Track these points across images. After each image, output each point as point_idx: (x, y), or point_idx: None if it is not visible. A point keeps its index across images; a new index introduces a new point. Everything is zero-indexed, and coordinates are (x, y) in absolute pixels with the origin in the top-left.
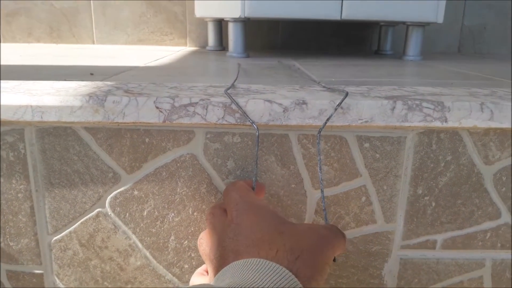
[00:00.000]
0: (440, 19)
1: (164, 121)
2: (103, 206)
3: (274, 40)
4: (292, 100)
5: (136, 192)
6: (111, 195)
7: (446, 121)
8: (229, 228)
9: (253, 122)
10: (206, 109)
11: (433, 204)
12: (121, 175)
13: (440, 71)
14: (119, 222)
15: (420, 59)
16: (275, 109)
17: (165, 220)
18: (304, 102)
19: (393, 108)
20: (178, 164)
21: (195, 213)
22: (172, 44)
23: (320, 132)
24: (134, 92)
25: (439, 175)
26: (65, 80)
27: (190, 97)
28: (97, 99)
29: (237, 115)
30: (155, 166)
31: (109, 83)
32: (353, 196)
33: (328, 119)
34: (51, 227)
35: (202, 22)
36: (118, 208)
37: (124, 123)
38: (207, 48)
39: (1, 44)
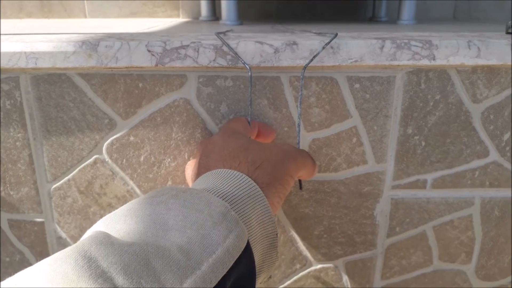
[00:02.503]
0: None
1: (156, 65)
2: (100, 153)
3: (269, 8)
4: (283, 41)
5: (132, 138)
6: (108, 141)
7: (434, 59)
8: (206, 147)
9: (245, 63)
10: (198, 52)
11: (423, 143)
12: (116, 121)
13: (433, 31)
14: (117, 169)
15: (414, 23)
16: (266, 50)
17: (162, 165)
18: (294, 43)
19: (382, 47)
20: (172, 109)
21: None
22: (165, 16)
23: (305, 67)
24: (126, 38)
25: (428, 115)
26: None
27: (181, 41)
28: (90, 44)
29: (229, 57)
30: (150, 112)
31: (101, 33)
32: (344, 137)
33: (315, 56)
34: (50, 175)
35: None
36: (115, 155)
37: (117, 67)
38: (200, 18)
39: None
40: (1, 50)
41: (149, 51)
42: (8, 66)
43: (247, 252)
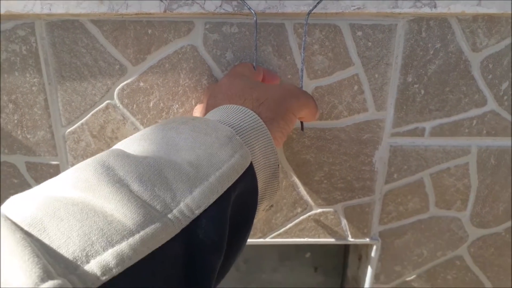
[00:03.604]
0: None
1: (164, 11)
2: (112, 98)
3: None
4: None
5: (142, 84)
6: (119, 87)
7: (435, 6)
8: (214, 89)
9: (250, 8)
10: None
11: (422, 92)
12: (127, 67)
13: None
14: (127, 114)
15: None
16: None
17: (170, 111)
18: None
19: None
20: (180, 56)
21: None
22: None
23: (309, 13)
24: None
25: (428, 63)
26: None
27: None
28: None
29: (235, 3)
30: (158, 58)
31: None
32: (346, 85)
33: (319, 2)
34: (64, 119)
35: None
36: (126, 100)
37: (128, 14)
38: None
39: None
40: None
41: None
42: (23, 12)
43: (250, 171)
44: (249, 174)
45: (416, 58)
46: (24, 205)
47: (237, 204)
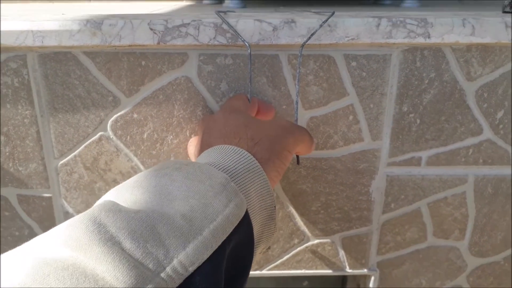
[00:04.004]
0: None
1: (158, 43)
2: (105, 130)
3: None
4: (281, 19)
5: (135, 115)
6: (112, 118)
7: (429, 37)
8: (208, 124)
9: (244, 40)
10: (198, 30)
11: (418, 121)
12: (120, 99)
13: (437, 13)
14: (121, 145)
15: (418, 5)
16: (265, 28)
17: (164, 142)
18: (292, 21)
19: (378, 25)
20: (174, 87)
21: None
22: (169, 0)
23: (303, 45)
24: (129, 17)
25: (423, 92)
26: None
27: (182, 19)
28: (94, 23)
29: (228, 35)
30: (152, 89)
31: (104, 13)
32: (341, 115)
33: (312, 34)
34: (57, 151)
35: None
36: (119, 131)
37: (121, 46)
38: (204, 2)
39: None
40: (9, 29)
41: (151, 29)
42: (15, 44)
43: (246, 220)
44: (244, 224)
45: (411, 87)
46: (14, 270)
47: (232, 257)
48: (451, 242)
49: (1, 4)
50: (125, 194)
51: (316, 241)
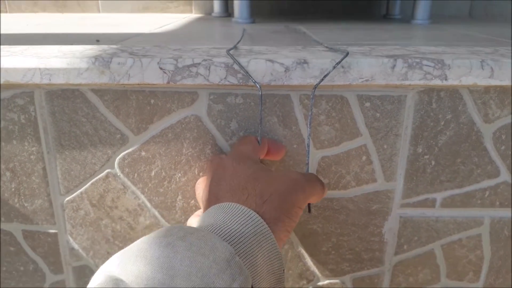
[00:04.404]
0: None
1: (168, 82)
2: (112, 167)
3: (281, 4)
4: (294, 59)
5: (143, 153)
6: (120, 156)
7: (446, 79)
8: (217, 171)
9: (255, 82)
10: (209, 70)
11: (433, 162)
12: (128, 136)
13: (448, 34)
14: (128, 183)
15: (428, 22)
16: (277, 69)
17: (172, 180)
18: (305, 62)
19: (393, 67)
20: (183, 125)
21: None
22: (178, 12)
23: (315, 87)
24: (139, 54)
25: (439, 134)
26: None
27: (193, 58)
28: (102, 61)
29: (239, 75)
30: (161, 128)
31: (114, 46)
32: (353, 155)
33: (325, 76)
34: (63, 188)
35: None
36: (127, 169)
37: (130, 84)
38: (213, 14)
39: (7, 14)
40: (16, 66)
41: (161, 68)
42: (23, 82)
43: None
44: None
45: (427, 129)
46: None
47: None
48: (465, 284)
49: (12, 15)
50: (128, 264)
51: (326, 281)
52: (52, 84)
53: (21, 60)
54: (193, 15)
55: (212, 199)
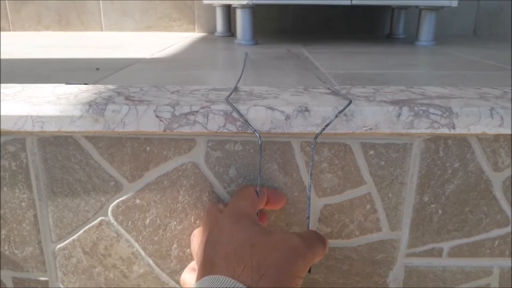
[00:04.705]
0: (455, 3)
1: (164, 130)
2: (106, 215)
3: (284, 23)
4: (295, 107)
5: (138, 201)
6: (113, 203)
7: (454, 127)
8: (213, 230)
9: (255, 131)
10: (207, 118)
11: (440, 211)
12: (123, 184)
13: (453, 60)
14: (122, 230)
15: (433, 44)
16: (277, 117)
17: (167, 228)
18: (306, 109)
19: (398, 115)
20: (180, 173)
21: (197, 222)
22: (181, 30)
23: (316, 137)
24: (135, 99)
25: (446, 182)
26: (68, 83)
27: (191, 105)
28: (97, 108)
29: (239, 123)
30: (157, 175)
31: (110, 86)
32: (357, 204)
33: (326, 125)
34: (54, 235)
35: (211, 8)
36: (121, 217)
37: (125, 132)
38: (216, 34)
39: (11, 32)
40: (7, 113)
41: (157, 116)
42: (14, 129)
43: None
44: None
45: (433, 177)
46: None
47: None
48: None
49: (15, 33)
50: None
51: None
52: (44, 131)
53: (12, 107)
54: (196, 34)
55: (207, 264)
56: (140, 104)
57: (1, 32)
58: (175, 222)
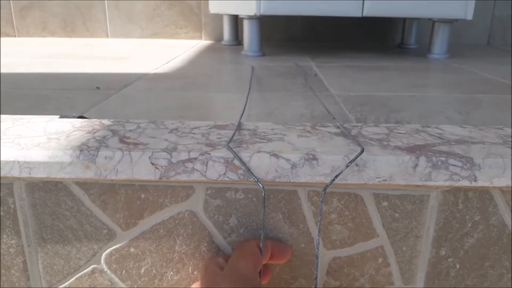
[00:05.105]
0: (470, 15)
1: (160, 178)
2: (99, 263)
3: (293, 31)
4: (301, 154)
5: (132, 249)
6: (107, 251)
7: (475, 180)
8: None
9: (258, 181)
10: (206, 165)
11: (458, 266)
12: (116, 232)
13: (467, 79)
14: (116, 279)
15: (446, 57)
16: (282, 165)
17: (164, 278)
18: (314, 158)
19: (415, 166)
20: (176, 221)
21: (195, 272)
22: (187, 38)
23: (325, 189)
24: (130, 142)
25: (465, 236)
26: (62, 116)
27: (189, 151)
28: (88, 154)
29: (240, 171)
30: (152, 223)
31: (106, 122)
32: (369, 257)
33: (336, 176)
34: (45, 282)
35: (218, 15)
36: (114, 265)
37: (118, 179)
38: (223, 42)
39: (16, 38)
40: None
41: (152, 164)
42: (1, 174)
43: None
44: None
45: (451, 230)
46: None
47: None
48: None
49: (20, 39)
50: None
51: None
52: (33, 177)
53: None
54: (202, 42)
55: None
56: (135, 149)
57: (7, 38)
58: (171, 272)
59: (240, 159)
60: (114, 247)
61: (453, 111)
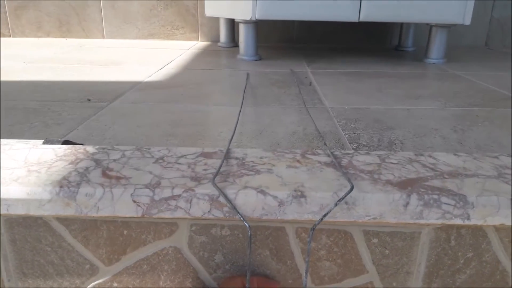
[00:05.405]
0: (468, 21)
1: (142, 215)
2: None
3: (290, 33)
4: (289, 191)
5: (115, 284)
6: (89, 286)
7: (468, 218)
8: None
9: (244, 219)
10: (190, 203)
11: None
12: (98, 267)
13: (464, 88)
14: None
15: (443, 62)
16: (269, 203)
17: None
18: (302, 195)
19: (406, 204)
20: (160, 257)
21: None
22: (184, 39)
23: (313, 229)
24: (112, 176)
25: (457, 272)
26: (46, 141)
27: (173, 187)
28: (68, 191)
29: (226, 208)
30: (135, 259)
31: (90, 150)
32: None
33: (325, 215)
34: None
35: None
36: None
37: (99, 216)
38: (219, 44)
39: (11, 38)
40: None
41: (134, 201)
42: None
43: None
44: None
45: (443, 267)
46: None
47: None
48: None
49: (14, 39)
50: None
51: None
52: (11, 214)
53: None
54: (199, 44)
55: None
56: (117, 185)
57: (1, 39)
58: None
59: (226, 196)
60: (97, 282)
61: (448, 128)
